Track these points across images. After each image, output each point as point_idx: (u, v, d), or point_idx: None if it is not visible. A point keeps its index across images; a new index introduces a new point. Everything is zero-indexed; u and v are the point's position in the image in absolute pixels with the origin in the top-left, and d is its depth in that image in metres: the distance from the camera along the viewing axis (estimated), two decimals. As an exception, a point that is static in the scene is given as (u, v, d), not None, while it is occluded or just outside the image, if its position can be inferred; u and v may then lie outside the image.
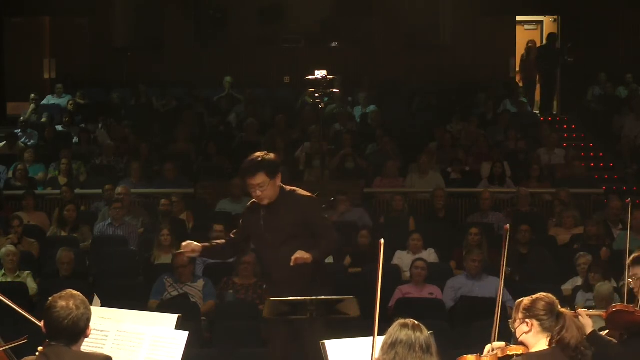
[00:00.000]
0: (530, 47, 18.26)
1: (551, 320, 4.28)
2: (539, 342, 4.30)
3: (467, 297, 8.82)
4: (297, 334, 5.87)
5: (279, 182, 5.94)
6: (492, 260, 9.99)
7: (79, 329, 4.04)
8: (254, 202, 6.13)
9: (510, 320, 4.46)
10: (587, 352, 4.32)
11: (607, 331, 5.18)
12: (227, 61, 17.84)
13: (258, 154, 5.99)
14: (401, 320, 4.05)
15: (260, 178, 5.83)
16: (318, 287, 5.81)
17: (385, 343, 3.99)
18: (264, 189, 5.85)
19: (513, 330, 4.41)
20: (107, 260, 10.22)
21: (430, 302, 8.85)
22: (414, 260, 9.32)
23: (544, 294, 4.41)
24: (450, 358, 4.77)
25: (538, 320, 4.29)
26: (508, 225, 5.03)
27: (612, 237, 10.57)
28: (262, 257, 6.28)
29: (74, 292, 4.12)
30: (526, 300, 4.38)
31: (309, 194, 6.11)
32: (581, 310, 4.83)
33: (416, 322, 4.03)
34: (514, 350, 4.39)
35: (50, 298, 4.09)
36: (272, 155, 5.99)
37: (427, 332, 4.01)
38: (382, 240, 4.41)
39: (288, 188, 6.05)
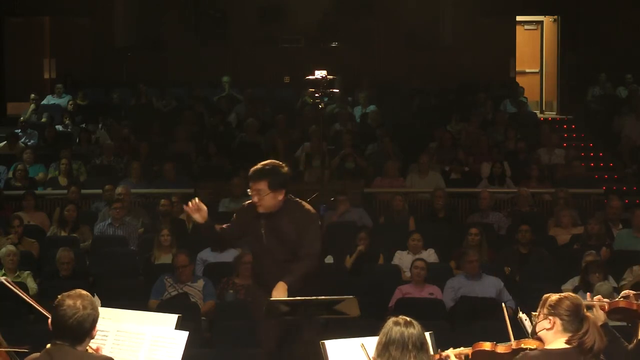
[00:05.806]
0: None
1: (574, 322, 4.24)
2: (557, 341, 4.26)
3: (467, 297, 8.82)
4: (292, 335, 5.87)
5: (280, 196, 5.95)
6: (491, 260, 10.01)
7: (84, 329, 4.02)
8: (252, 203, 6.12)
9: (534, 313, 4.44)
10: None
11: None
12: (227, 61, 17.85)
13: (272, 162, 6.05)
14: (394, 318, 4.06)
15: (261, 185, 5.90)
16: (319, 288, 5.81)
17: (379, 343, 4.01)
18: (262, 197, 5.91)
19: (535, 323, 4.39)
20: (107, 260, 10.22)
21: (430, 302, 8.84)
22: (414, 260, 9.31)
23: (573, 295, 4.39)
24: (450, 358, 4.76)
25: (561, 319, 4.26)
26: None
27: (612, 237, 10.56)
28: (259, 262, 6.24)
29: (83, 292, 4.10)
30: (553, 297, 4.33)
31: (311, 209, 6.11)
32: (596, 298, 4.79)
33: (408, 319, 4.03)
34: (529, 343, 4.39)
35: (59, 296, 4.08)
36: (284, 169, 6.00)
37: (420, 328, 4.01)
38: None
39: (294, 200, 6.07)
